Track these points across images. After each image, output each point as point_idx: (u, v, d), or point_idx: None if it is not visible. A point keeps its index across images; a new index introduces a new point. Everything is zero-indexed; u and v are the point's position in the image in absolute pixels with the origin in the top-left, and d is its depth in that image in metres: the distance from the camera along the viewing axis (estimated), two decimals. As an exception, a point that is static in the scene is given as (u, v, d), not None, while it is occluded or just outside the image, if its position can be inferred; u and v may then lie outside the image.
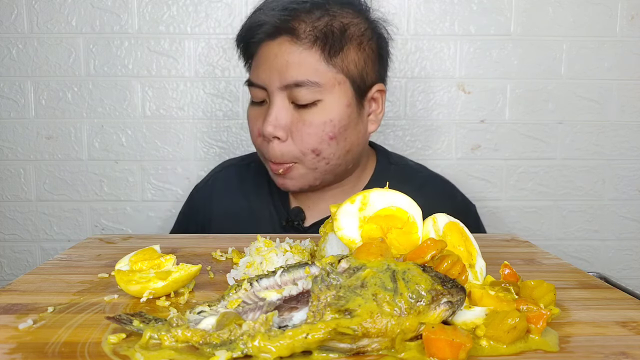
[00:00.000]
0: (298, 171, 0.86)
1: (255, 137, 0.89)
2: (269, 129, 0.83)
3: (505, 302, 0.42)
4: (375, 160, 0.99)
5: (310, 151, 0.84)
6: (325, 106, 0.84)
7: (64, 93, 1.26)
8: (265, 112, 0.86)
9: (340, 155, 0.87)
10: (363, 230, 0.49)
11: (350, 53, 0.86)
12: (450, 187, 1.03)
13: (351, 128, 0.87)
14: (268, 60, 0.85)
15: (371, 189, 0.52)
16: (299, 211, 0.93)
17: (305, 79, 0.82)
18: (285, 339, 0.35)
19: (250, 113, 0.90)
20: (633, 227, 1.35)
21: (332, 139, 0.85)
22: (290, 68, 0.82)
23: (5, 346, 0.38)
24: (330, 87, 0.84)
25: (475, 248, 0.52)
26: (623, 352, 0.38)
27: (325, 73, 0.84)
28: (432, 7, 1.26)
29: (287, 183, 0.88)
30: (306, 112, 0.84)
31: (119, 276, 0.49)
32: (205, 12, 1.25)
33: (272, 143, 0.84)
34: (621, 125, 1.31)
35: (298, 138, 0.84)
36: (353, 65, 0.87)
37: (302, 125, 0.83)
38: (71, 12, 1.24)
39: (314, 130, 0.83)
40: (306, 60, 0.83)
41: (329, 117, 0.84)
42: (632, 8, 1.27)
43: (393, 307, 0.37)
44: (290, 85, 0.82)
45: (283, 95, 0.84)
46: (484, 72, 1.28)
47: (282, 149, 0.84)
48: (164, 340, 0.38)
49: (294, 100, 0.83)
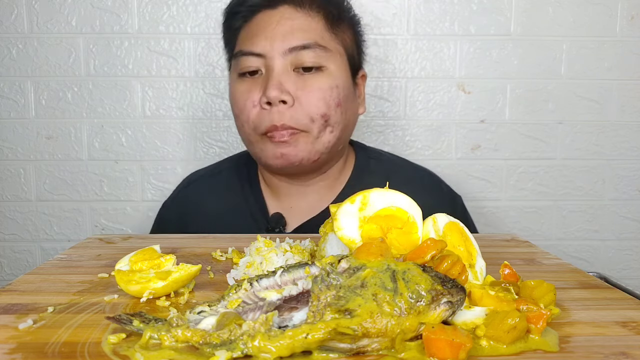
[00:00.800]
0: (303, 139, 0.83)
1: (249, 110, 0.83)
2: (274, 92, 0.79)
3: (505, 302, 0.42)
4: (354, 155, 0.98)
5: (320, 116, 0.82)
6: (331, 72, 0.83)
7: (64, 93, 1.26)
8: (260, 83, 0.83)
9: (342, 127, 0.86)
10: (363, 230, 0.49)
11: (346, 30, 0.88)
12: (436, 179, 1.03)
13: (350, 101, 0.87)
14: (268, 27, 0.83)
15: (371, 189, 0.52)
16: (279, 218, 0.90)
17: (312, 42, 0.82)
18: (285, 339, 0.35)
19: (239, 87, 0.85)
20: (633, 227, 1.35)
21: (339, 105, 0.83)
22: (296, 32, 0.82)
23: (5, 346, 0.38)
24: (334, 54, 0.84)
25: (475, 248, 0.52)
26: (623, 352, 0.38)
27: (329, 41, 0.84)
28: (432, 7, 1.26)
29: (289, 152, 0.83)
30: (312, 77, 0.82)
31: (119, 276, 0.49)
32: (205, 12, 1.25)
33: (277, 107, 0.80)
34: (621, 125, 1.31)
35: (306, 102, 0.81)
36: (349, 41, 0.88)
37: (310, 90, 0.82)
38: (71, 12, 1.24)
39: (322, 94, 0.82)
40: (311, 25, 0.83)
41: (335, 83, 0.83)
42: (632, 8, 1.27)
43: (393, 307, 0.37)
44: (296, 48, 0.81)
45: (285, 61, 0.82)
46: (484, 72, 1.28)
47: (291, 113, 0.81)
48: (164, 340, 0.38)
49: (298, 65, 0.82)
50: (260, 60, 0.83)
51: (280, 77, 0.81)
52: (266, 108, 0.81)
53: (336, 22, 0.86)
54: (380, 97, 1.29)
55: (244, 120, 0.85)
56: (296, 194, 0.92)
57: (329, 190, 0.93)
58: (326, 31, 0.85)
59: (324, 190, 0.92)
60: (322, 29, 0.84)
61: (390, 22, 1.27)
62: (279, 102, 0.80)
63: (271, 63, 0.82)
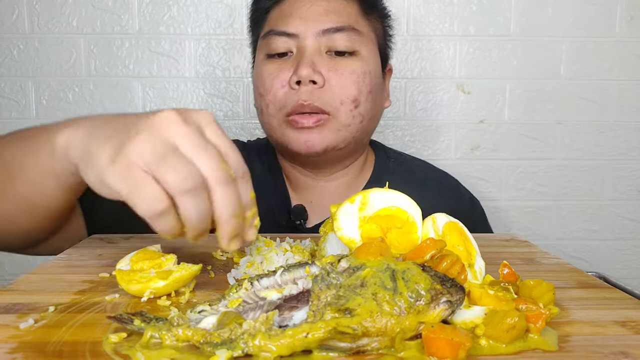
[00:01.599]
0: (329, 126, 0.80)
1: (276, 89, 0.80)
2: (306, 71, 0.77)
3: (504, 301, 0.42)
4: (374, 154, 0.97)
5: (351, 101, 0.79)
6: (364, 57, 0.82)
7: (64, 93, 1.26)
8: (291, 63, 0.80)
9: (370, 117, 0.83)
10: (363, 230, 0.50)
11: (378, 19, 0.87)
12: (454, 183, 1.01)
13: (379, 91, 0.85)
14: (302, 7, 0.81)
15: (371, 189, 0.52)
16: (302, 210, 0.86)
17: (347, 25, 0.80)
18: (285, 338, 0.35)
19: (267, 67, 0.82)
20: (632, 227, 1.35)
21: (370, 92, 0.81)
22: (331, 14, 0.80)
23: (6, 346, 0.38)
24: (367, 40, 0.83)
25: (474, 248, 0.52)
26: (622, 351, 0.39)
27: (363, 26, 0.83)
28: (431, 7, 1.27)
29: (313, 139, 0.79)
30: (344, 60, 0.80)
31: (119, 276, 0.49)
32: (206, 13, 1.26)
33: (306, 87, 0.78)
34: (620, 126, 1.31)
35: (338, 85, 0.79)
36: (380, 31, 0.87)
37: (342, 73, 0.79)
38: (72, 12, 1.24)
39: (355, 78, 0.80)
40: (345, 9, 0.82)
41: (368, 69, 0.81)
42: (631, 8, 1.27)
43: (393, 307, 0.37)
44: (331, 30, 0.80)
45: (318, 43, 0.80)
46: (483, 72, 1.29)
47: (320, 95, 0.78)
48: (164, 340, 0.38)
49: (331, 48, 0.80)
50: (292, 41, 0.81)
51: (312, 57, 0.79)
52: (295, 88, 0.79)
53: (370, 9, 0.85)
54: (380, 97, 1.29)
55: (269, 100, 0.81)
56: (316, 188, 0.89)
57: (349, 188, 0.90)
58: (360, 16, 0.83)
59: (344, 187, 0.90)
60: (357, 13, 0.83)
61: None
62: (309, 82, 0.78)
63: (304, 43, 0.80)
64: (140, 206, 0.41)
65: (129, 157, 0.41)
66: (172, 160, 0.41)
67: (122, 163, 0.42)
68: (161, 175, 0.41)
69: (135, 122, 0.44)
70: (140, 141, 0.42)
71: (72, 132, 0.51)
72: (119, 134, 0.44)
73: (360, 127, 0.82)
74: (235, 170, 0.44)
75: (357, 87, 0.80)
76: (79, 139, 0.49)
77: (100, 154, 0.44)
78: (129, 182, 0.41)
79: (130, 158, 0.41)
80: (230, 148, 0.45)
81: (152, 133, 0.42)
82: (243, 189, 0.45)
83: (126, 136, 0.43)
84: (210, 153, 0.43)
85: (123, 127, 0.45)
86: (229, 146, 0.46)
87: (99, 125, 0.49)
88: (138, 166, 0.41)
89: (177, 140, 0.42)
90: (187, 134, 0.43)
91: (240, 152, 0.47)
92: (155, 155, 0.41)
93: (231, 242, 0.45)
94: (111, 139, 0.44)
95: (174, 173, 0.41)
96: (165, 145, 0.42)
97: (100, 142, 0.45)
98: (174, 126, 0.43)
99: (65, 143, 0.50)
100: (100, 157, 0.43)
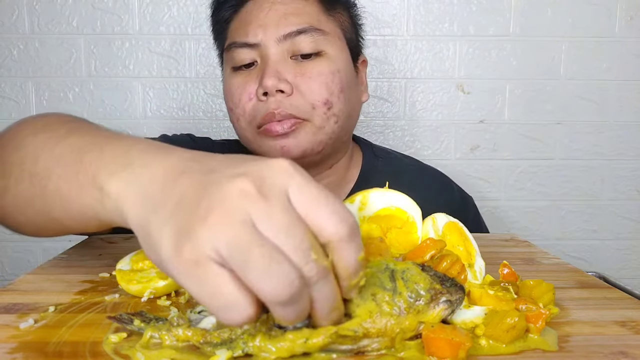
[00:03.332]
0: (305, 129, 0.77)
1: (244, 103, 0.78)
2: (271, 81, 0.74)
3: (504, 301, 0.42)
4: (361, 154, 0.94)
5: (322, 103, 0.77)
6: (330, 56, 0.79)
7: (65, 94, 1.26)
8: (256, 74, 0.78)
9: (346, 115, 0.81)
10: (362, 230, 0.50)
11: (342, 12, 0.84)
12: (446, 180, 0.99)
13: (353, 87, 0.83)
14: (260, 14, 0.79)
15: (370, 189, 0.52)
16: None
17: (308, 26, 0.77)
18: (285, 342, 0.35)
19: (233, 81, 0.80)
20: (632, 227, 1.35)
21: (342, 91, 0.79)
22: (290, 16, 0.77)
23: (6, 346, 0.38)
24: (332, 38, 0.80)
25: (474, 248, 0.52)
26: (622, 351, 0.39)
27: (326, 23, 0.80)
28: (431, 7, 1.27)
29: (289, 144, 0.77)
30: (311, 63, 0.78)
31: (119, 276, 0.49)
32: (206, 13, 1.25)
33: (274, 97, 0.76)
34: (620, 126, 1.32)
35: (307, 90, 0.77)
36: (347, 24, 0.84)
37: (309, 76, 0.77)
38: (72, 12, 1.24)
39: (323, 79, 0.77)
40: (305, 9, 0.79)
41: (336, 68, 0.79)
42: (630, 8, 1.27)
43: (392, 307, 0.37)
44: (292, 34, 0.77)
45: (281, 49, 0.77)
46: (483, 72, 1.29)
47: (291, 102, 0.76)
48: (164, 340, 0.38)
49: (295, 52, 0.78)
50: (255, 51, 0.79)
51: (276, 65, 0.77)
52: (263, 100, 0.77)
53: (332, 5, 0.82)
54: (380, 97, 1.29)
55: (239, 113, 0.80)
56: None
57: (337, 189, 0.89)
58: (322, 14, 0.80)
59: (331, 188, 0.88)
60: (318, 11, 0.80)
61: (390, 22, 1.27)
62: (276, 92, 0.76)
63: (266, 52, 0.77)
64: (222, 318, 0.33)
65: (199, 250, 0.32)
66: (260, 262, 0.31)
67: (189, 256, 0.32)
68: (249, 282, 0.32)
69: (202, 190, 0.34)
70: (214, 226, 0.32)
71: (125, 187, 0.38)
72: (182, 208, 0.34)
73: (337, 128, 0.80)
74: (335, 232, 0.33)
75: (327, 88, 0.77)
76: (134, 200, 0.37)
77: (162, 240, 0.34)
78: (202, 286, 0.32)
79: (201, 250, 0.32)
80: (324, 206, 0.34)
81: (226, 213, 0.32)
82: (352, 250, 0.34)
83: (194, 214, 0.33)
84: (300, 238, 0.32)
85: (189, 197, 0.34)
86: (323, 203, 0.34)
87: (157, 184, 0.37)
88: (212, 260, 0.32)
89: (258, 226, 0.32)
90: (268, 214, 0.32)
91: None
92: (235, 249, 0.31)
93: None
94: (174, 216, 0.34)
95: (265, 280, 0.31)
96: (246, 231, 0.32)
97: (160, 220, 0.34)
98: (251, 203, 0.32)
99: (117, 198, 0.39)
100: (162, 244, 0.33)
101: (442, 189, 0.96)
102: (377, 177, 0.91)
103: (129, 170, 0.39)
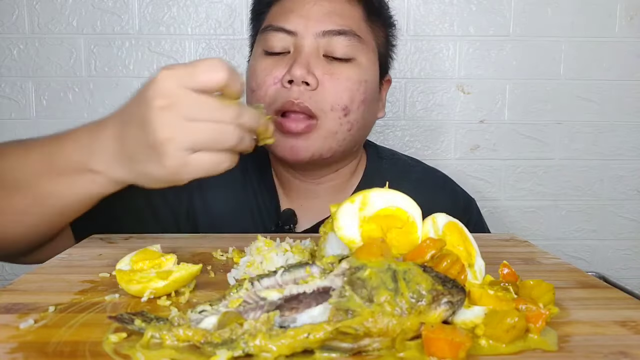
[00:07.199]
0: (317, 132, 0.77)
1: (268, 85, 0.78)
2: (300, 71, 0.74)
3: (504, 301, 0.42)
4: (365, 156, 0.94)
5: (341, 108, 0.77)
6: (361, 65, 0.79)
7: (65, 93, 1.26)
8: (286, 61, 0.77)
9: (360, 127, 0.81)
10: (363, 230, 0.50)
11: (381, 27, 0.85)
12: (450, 182, 0.99)
13: (374, 101, 0.83)
14: (304, 7, 0.78)
15: (371, 189, 0.52)
16: (291, 215, 0.85)
17: (349, 28, 0.77)
18: (287, 338, 0.35)
19: (262, 62, 0.80)
20: (631, 227, 1.35)
21: (363, 102, 0.79)
22: (334, 15, 0.78)
23: (6, 346, 0.38)
24: (367, 48, 0.80)
25: (474, 248, 0.52)
26: (622, 351, 0.39)
27: (365, 32, 0.80)
28: (431, 7, 1.27)
29: (299, 145, 0.77)
30: (341, 66, 0.78)
31: (119, 276, 0.49)
32: (206, 13, 1.26)
33: (298, 87, 0.75)
34: (620, 126, 1.32)
35: (332, 90, 0.76)
36: (382, 39, 0.85)
37: (337, 78, 0.77)
38: (72, 12, 1.24)
39: (350, 85, 0.77)
40: (350, 12, 0.79)
41: (364, 77, 0.79)
42: (630, 8, 1.27)
43: (394, 307, 0.37)
44: (332, 33, 0.77)
45: (316, 44, 0.77)
46: (483, 72, 1.29)
47: (312, 96, 0.76)
48: (165, 340, 0.38)
49: (329, 52, 0.77)
50: (290, 39, 0.78)
51: (309, 57, 0.76)
52: (287, 87, 0.76)
53: (375, 15, 0.83)
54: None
55: (260, 95, 0.79)
56: (306, 192, 0.87)
57: (340, 190, 0.89)
58: (363, 21, 0.81)
59: (334, 190, 0.89)
60: (360, 18, 0.80)
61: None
62: (301, 83, 0.75)
63: (302, 43, 0.77)
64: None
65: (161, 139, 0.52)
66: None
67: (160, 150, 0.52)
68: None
69: (142, 122, 0.54)
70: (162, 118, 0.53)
71: (102, 155, 0.58)
72: (139, 129, 0.54)
73: (348, 136, 0.80)
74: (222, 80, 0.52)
75: (350, 94, 0.77)
76: (115, 160, 0.58)
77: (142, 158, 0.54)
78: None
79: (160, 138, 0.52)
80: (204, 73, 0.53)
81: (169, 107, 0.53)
82: (238, 82, 0.54)
83: (146, 132, 0.53)
84: (213, 105, 0.53)
85: (136, 129, 0.55)
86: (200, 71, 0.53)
87: (116, 138, 0.58)
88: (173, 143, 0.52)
89: (185, 111, 0.53)
90: (187, 106, 0.53)
91: None
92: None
93: None
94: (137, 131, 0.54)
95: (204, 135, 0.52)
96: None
97: (131, 146, 0.55)
98: (173, 105, 0.54)
99: (106, 168, 0.58)
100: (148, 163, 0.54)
101: (446, 190, 0.96)
102: (380, 180, 0.90)
103: (95, 145, 0.58)
